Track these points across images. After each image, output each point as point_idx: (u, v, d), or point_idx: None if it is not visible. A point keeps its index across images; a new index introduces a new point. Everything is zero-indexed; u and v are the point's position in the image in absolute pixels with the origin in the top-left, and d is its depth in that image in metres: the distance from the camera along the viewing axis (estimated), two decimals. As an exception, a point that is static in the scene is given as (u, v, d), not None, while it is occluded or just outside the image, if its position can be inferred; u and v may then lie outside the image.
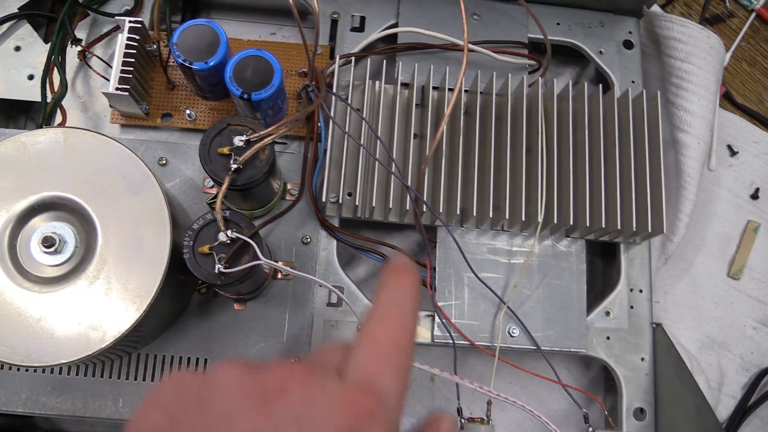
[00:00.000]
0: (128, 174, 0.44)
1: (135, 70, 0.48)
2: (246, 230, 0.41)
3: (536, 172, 0.50)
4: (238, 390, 0.21)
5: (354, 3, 0.57)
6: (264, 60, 0.46)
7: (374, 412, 0.21)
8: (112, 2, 0.56)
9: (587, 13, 0.59)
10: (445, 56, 0.55)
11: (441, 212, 0.49)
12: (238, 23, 0.61)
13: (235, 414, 0.20)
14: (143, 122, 0.52)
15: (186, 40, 0.47)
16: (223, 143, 0.43)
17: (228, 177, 0.41)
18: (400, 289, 0.25)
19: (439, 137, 0.47)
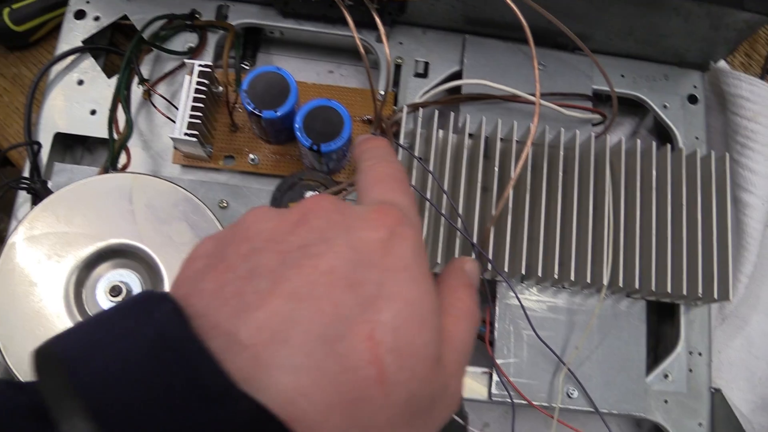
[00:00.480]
0: (196, 224, 0.43)
1: (202, 114, 0.47)
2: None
3: (602, 231, 0.49)
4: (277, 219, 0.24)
5: (418, 48, 0.56)
6: (334, 111, 0.46)
7: (402, 218, 0.23)
8: (176, 38, 0.55)
9: (652, 66, 0.59)
10: (508, 107, 0.55)
11: (504, 268, 0.48)
12: (296, 60, 0.60)
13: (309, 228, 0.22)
14: (205, 164, 0.51)
15: (256, 87, 0.46)
16: (294, 198, 0.42)
17: (299, 234, 0.41)
18: (376, 149, 0.30)
19: (507, 197, 0.46)
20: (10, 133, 0.60)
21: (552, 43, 0.57)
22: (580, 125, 0.55)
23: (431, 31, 0.57)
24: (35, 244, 0.42)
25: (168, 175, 0.52)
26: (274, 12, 0.56)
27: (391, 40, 0.56)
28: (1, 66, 0.62)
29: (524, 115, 0.55)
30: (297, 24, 0.56)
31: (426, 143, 0.52)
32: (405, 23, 0.57)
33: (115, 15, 0.56)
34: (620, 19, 0.53)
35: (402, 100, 0.55)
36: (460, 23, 0.56)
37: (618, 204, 0.50)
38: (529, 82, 0.55)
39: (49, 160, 0.53)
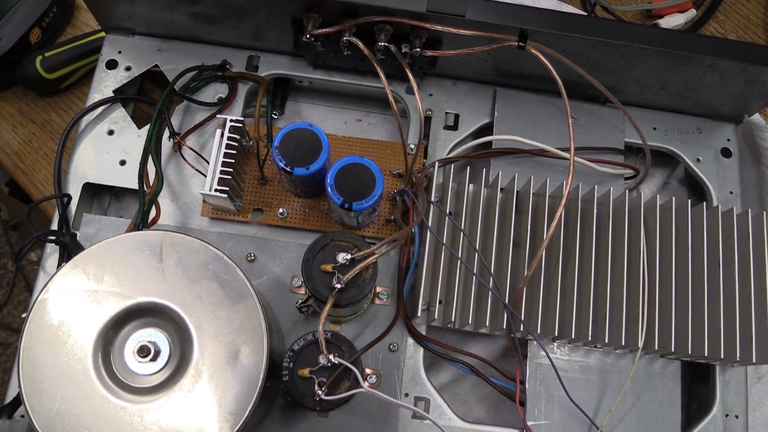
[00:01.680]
0: (226, 283, 0.43)
1: (233, 169, 0.47)
2: (347, 354, 0.40)
3: (637, 290, 0.48)
4: None
5: (448, 100, 0.56)
6: (366, 169, 0.46)
7: None
8: (207, 89, 0.56)
9: (684, 118, 0.58)
10: (540, 160, 0.54)
11: (536, 328, 0.47)
12: (324, 108, 0.60)
13: None
14: (234, 217, 0.51)
15: (287, 144, 0.46)
16: (326, 260, 0.42)
17: (331, 297, 0.40)
18: None
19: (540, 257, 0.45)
20: (38, 179, 0.61)
21: (583, 96, 0.56)
22: (612, 180, 0.54)
23: (461, 82, 0.57)
24: (64, 302, 0.42)
25: (196, 227, 0.52)
26: (305, 63, 0.56)
27: (421, 92, 0.56)
28: (32, 112, 0.63)
29: (556, 169, 0.54)
30: (327, 75, 0.56)
31: (457, 197, 0.51)
32: (435, 75, 0.57)
33: (147, 65, 0.57)
34: (653, 74, 0.53)
35: (432, 152, 0.54)
36: (490, 75, 0.56)
37: (653, 262, 0.49)
38: (560, 135, 0.55)
39: (77, 211, 0.53)
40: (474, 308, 0.48)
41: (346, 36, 0.49)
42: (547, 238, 0.45)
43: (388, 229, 0.51)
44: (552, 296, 0.48)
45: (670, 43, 0.49)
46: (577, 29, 0.48)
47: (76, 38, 0.61)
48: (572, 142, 0.46)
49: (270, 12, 0.51)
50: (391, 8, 0.47)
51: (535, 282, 0.48)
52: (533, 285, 0.48)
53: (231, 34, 0.55)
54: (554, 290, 0.48)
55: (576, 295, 0.47)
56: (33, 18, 0.60)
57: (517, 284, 0.48)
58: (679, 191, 0.61)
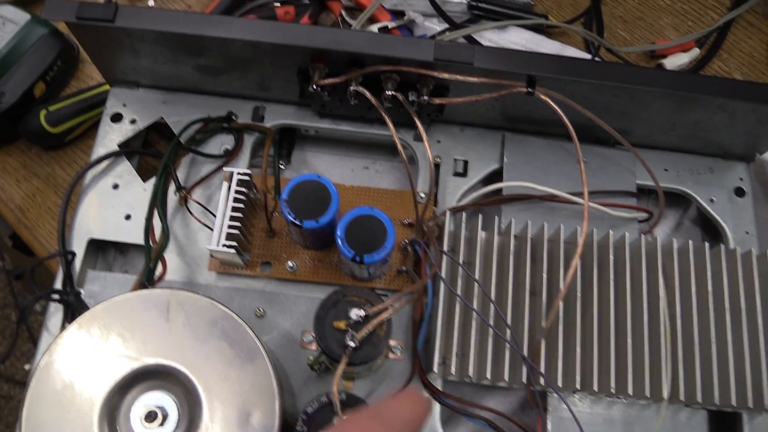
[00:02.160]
0: (236, 342, 0.41)
1: (240, 223, 0.46)
2: (363, 416, 0.38)
3: (659, 339, 0.46)
4: None
5: (456, 146, 0.56)
6: (377, 221, 0.45)
7: None
8: (213, 140, 0.55)
9: (696, 159, 0.57)
10: (552, 206, 0.53)
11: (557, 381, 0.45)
12: (330, 156, 0.60)
13: None
14: (242, 271, 0.50)
15: (296, 196, 0.45)
16: (338, 316, 0.40)
17: (345, 356, 0.39)
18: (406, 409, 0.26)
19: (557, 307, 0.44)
20: (42, 234, 0.60)
21: (593, 139, 0.56)
22: (626, 224, 0.53)
23: (469, 128, 0.56)
24: (68, 365, 0.41)
25: (204, 282, 0.50)
26: (311, 112, 0.56)
27: (429, 138, 0.56)
28: (36, 166, 0.62)
29: (569, 214, 0.53)
30: (334, 124, 0.56)
31: (470, 246, 0.50)
32: (442, 121, 0.56)
33: (152, 117, 0.56)
34: (662, 116, 0.52)
35: (441, 199, 0.54)
36: (498, 120, 0.55)
37: (674, 309, 0.48)
38: (572, 180, 0.54)
39: (82, 267, 0.51)
40: (491, 361, 0.46)
41: (353, 86, 0.49)
42: (565, 287, 0.44)
43: (399, 280, 0.50)
44: (572, 347, 0.46)
45: (678, 84, 0.49)
46: (585, 74, 0.47)
47: (80, 91, 0.61)
48: (585, 187, 0.45)
49: (275, 63, 0.51)
50: (398, 57, 0.47)
51: (554, 332, 0.47)
52: (552, 335, 0.47)
53: (236, 85, 0.55)
54: (574, 340, 0.46)
55: (596, 345, 0.46)
56: (37, 72, 0.60)
57: (535, 335, 0.46)
58: (692, 232, 0.60)
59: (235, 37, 0.47)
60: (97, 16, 0.47)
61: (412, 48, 0.47)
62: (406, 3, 0.67)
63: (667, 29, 0.70)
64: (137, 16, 0.48)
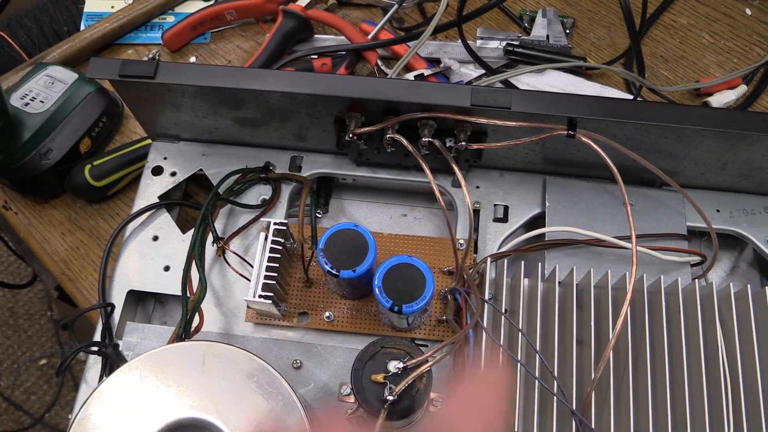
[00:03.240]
0: (272, 396, 0.40)
1: (277, 273, 0.46)
2: (403, 474, 0.37)
3: (719, 392, 0.43)
4: None
5: (496, 192, 0.54)
6: (415, 269, 0.43)
7: None
8: (250, 191, 0.55)
9: (750, 198, 0.55)
10: (597, 250, 0.51)
11: (609, 438, 0.43)
12: (368, 204, 0.59)
13: None
14: (278, 322, 0.49)
15: (333, 246, 0.45)
16: (376, 369, 0.39)
17: (384, 411, 0.37)
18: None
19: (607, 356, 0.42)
20: (84, 286, 0.60)
21: (638, 180, 0.54)
22: (678, 268, 0.51)
23: (509, 173, 0.55)
24: (105, 418, 0.40)
25: (240, 333, 0.50)
26: (348, 161, 0.56)
27: (468, 185, 0.55)
28: (80, 219, 0.63)
29: (616, 259, 0.51)
30: (371, 172, 0.55)
31: (512, 293, 0.48)
32: (481, 166, 0.55)
33: (192, 170, 0.57)
34: (712, 155, 0.50)
35: (482, 246, 0.52)
36: (539, 164, 0.54)
37: (734, 359, 0.44)
38: (617, 223, 0.52)
39: (121, 318, 0.52)
40: (537, 415, 0.44)
41: (389, 133, 0.48)
42: (614, 335, 0.41)
43: (439, 330, 0.49)
44: (624, 401, 0.43)
45: (726, 122, 0.47)
46: (628, 114, 0.46)
47: (123, 146, 0.62)
48: (633, 230, 0.43)
49: (312, 113, 0.51)
50: (435, 104, 0.47)
51: (604, 385, 0.44)
52: (602, 388, 0.44)
53: (274, 136, 0.55)
54: (626, 394, 0.43)
55: (651, 398, 0.43)
56: (83, 128, 0.62)
57: (584, 388, 0.44)
58: (749, 274, 0.57)
59: (273, 89, 0.48)
60: (139, 74, 0.49)
61: (449, 94, 0.46)
62: (441, 51, 0.68)
63: (711, 67, 0.69)
64: (177, 72, 0.49)
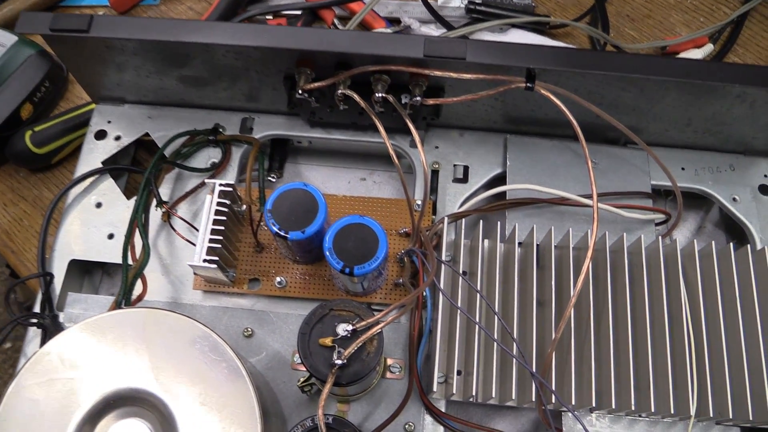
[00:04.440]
0: (216, 365, 0.38)
1: (224, 237, 0.43)
2: (352, 440, 0.35)
3: (683, 350, 0.42)
4: None
5: (456, 151, 0.52)
6: (367, 229, 0.41)
7: None
8: (199, 154, 0.53)
9: (715, 156, 0.53)
10: (560, 210, 0.50)
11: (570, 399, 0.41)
12: (326, 168, 0.57)
13: None
14: (228, 289, 0.47)
15: (281, 206, 0.42)
16: (324, 332, 0.37)
17: (332, 375, 0.35)
18: None
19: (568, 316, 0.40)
20: (28, 258, 0.57)
21: (602, 138, 0.52)
22: (642, 227, 0.49)
23: (469, 132, 0.53)
24: (35, 394, 0.37)
25: (188, 302, 0.47)
26: (301, 122, 0.53)
27: (427, 145, 0.53)
28: (23, 189, 0.60)
29: (578, 219, 0.50)
30: (325, 133, 0.53)
31: (471, 255, 0.47)
32: (440, 126, 0.53)
33: (137, 133, 0.54)
34: (676, 109, 0.49)
35: (441, 207, 0.50)
36: (499, 123, 0.52)
37: (698, 317, 0.43)
38: (580, 182, 0.51)
39: (63, 289, 0.49)
40: (498, 379, 0.42)
41: (341, 89, 0.46)
42: (575, 295, 0.40)
43: (396, 294, 0.47)
44: (586, 361, 0.42)
45: (691, 72, 0.45)
46: (589, 65, 0.44)
47: (66, 111, 0.59)
48: (594, 186, 0.42)
49: (261, 70, 0.49)
50: (387, 56, 0.44)
51: (565, 346, 0.43)
52: (563, 349, 0.43)
53: (223, 97, 0.53)
54: (588, 354, 0.42)
55: (613, 357, 0.42)
56: (23, 93, 0.59)
57: (544, 349, 0.43)
58: (716, 235, 0.56)
59: (217, 42, 0.45)
60: (71, 27, 0.46)
61: (401, 45, 0.44)
62: (401, 10, 0.65)
63: (677, 26, 0.67)
64: (113, 26, 0.46)
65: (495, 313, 0.42)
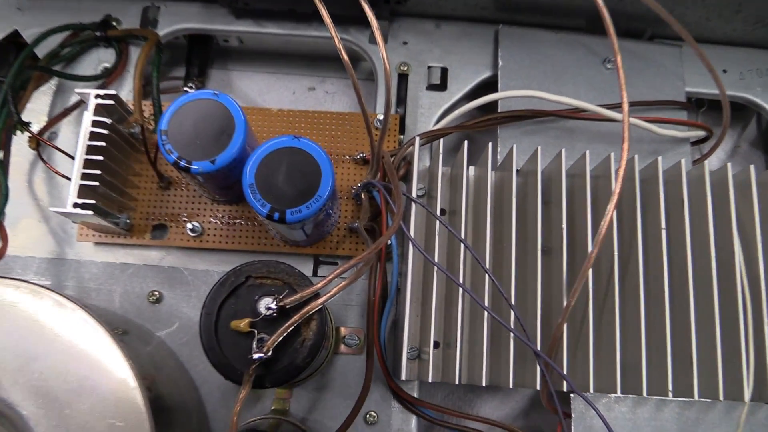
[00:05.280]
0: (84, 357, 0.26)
1: (106, 170, 0.31)
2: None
3: (735, 315, 0.31)
4: None
5: (431, 49, 0.40)
6: (304, 155, 0.29)
7: None
8: (86, 57, 0.39)
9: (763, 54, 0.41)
10: (568, 126, 0.38)
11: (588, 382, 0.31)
12: (264, 75, 0.44)
13: None
14: (126, 240, 0.35)
15: (182, 126, 0.30)
16: (240, 311, 0.25)
17: (249, 376, 0.24)
18: None
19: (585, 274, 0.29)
20: None
21: (621, 30, 0.40)
22: (675, 147, 0.38)
23: (448, 23, 0.40)
24: None
25: (74, 256, 0.35)
26: (224, 11, 0.40)
27: (392, 40, 0.40)
28: None
29: (592, 136, 0.38)
30: (256, 26, 0.40)
31: (452, 187, 0.35)
32: (410, 14, 0.40)
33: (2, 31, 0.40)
34: (724, -11, 0.36)
35: (411, 123, 0.38)
36: (489, 8, 0.39)
37: (755, 272, 0.32)
38: (594, 87, 0.38)
39: None
40: (488, 355, 0.31)
41: (269, -43, 0.32)
42: (598, 244, 0.28)
43: (351, 242, 0.35)
44: (607, 331, 0.31)
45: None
46: None
47: None
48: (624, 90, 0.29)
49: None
50: None
51: (581, 311, 0.31)
52: (576, 316, 0.32)
53: (116, -23, 0.39)
54: (610, 322, 0.31)
55: (644, 327, 0.31)
56: None
57: (551, 317, 0.32)
58: (752, 156, 0.45)
59: None
60: None
61: None
62: None
63: None
64: None
65: (485, 269, 0.30)
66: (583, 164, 0.33)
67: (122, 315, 0.34)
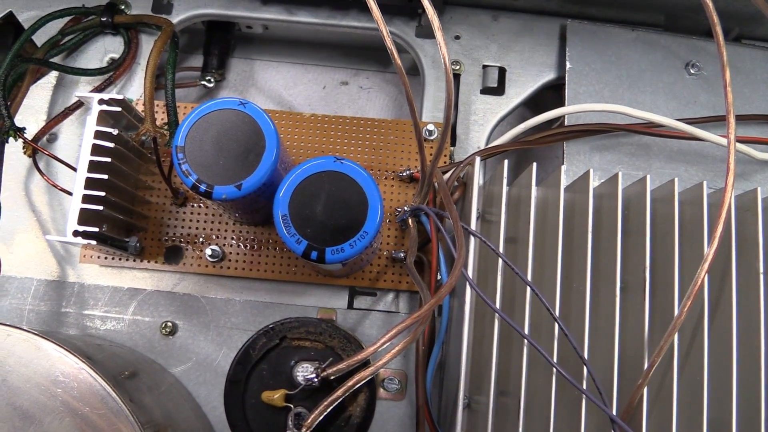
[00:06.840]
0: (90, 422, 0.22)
1: (112, 190, 0.26)
2: None
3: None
4: None
5: (487, 45, 0.35)
6: (349, 181, 0.24)
7: None
8: (90, 47, 0.34)
9: None
10: (643, 141, 0.33)
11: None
12: (291, 66, 0.40)
13: None
14: (134, 264, 0.30)
15: (202, 141, 0.25)
16: (272, 380, 0.21)
17: (284, 464, 0.20)
18: None
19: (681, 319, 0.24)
20: None
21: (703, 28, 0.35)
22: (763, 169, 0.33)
23: (507, 15, 0.35)
24: None
25: (76, 279, 0.31)
26: (249, -4, 0.35)
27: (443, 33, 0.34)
28: None
29: (673, 155, 0.33)
30: (286, 13, 0.35)
31: (514, 211, 0.30)
32: (463, 3, 0.35)
33: (-5, 13, 0.35)
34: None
35: (463, 133, 0.33)
36: (555, 1, 0.34)
37: None
38: (674, 97, 0.33)
39: None
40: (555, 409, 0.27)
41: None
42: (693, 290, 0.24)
43: (394, 271, 0.30)
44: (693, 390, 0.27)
45: None
46: None
47: None
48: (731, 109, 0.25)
49: None
50: None
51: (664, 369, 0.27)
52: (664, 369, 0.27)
53: (125, -46, 0.34)
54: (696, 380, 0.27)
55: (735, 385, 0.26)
56: None
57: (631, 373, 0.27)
58: None
59: None
60: None
61: None
62: None
63: None
64: None
65: (555, 318, 0.26)
66: (671, 189, 0.28)
67: (130, 349, 0.30)
